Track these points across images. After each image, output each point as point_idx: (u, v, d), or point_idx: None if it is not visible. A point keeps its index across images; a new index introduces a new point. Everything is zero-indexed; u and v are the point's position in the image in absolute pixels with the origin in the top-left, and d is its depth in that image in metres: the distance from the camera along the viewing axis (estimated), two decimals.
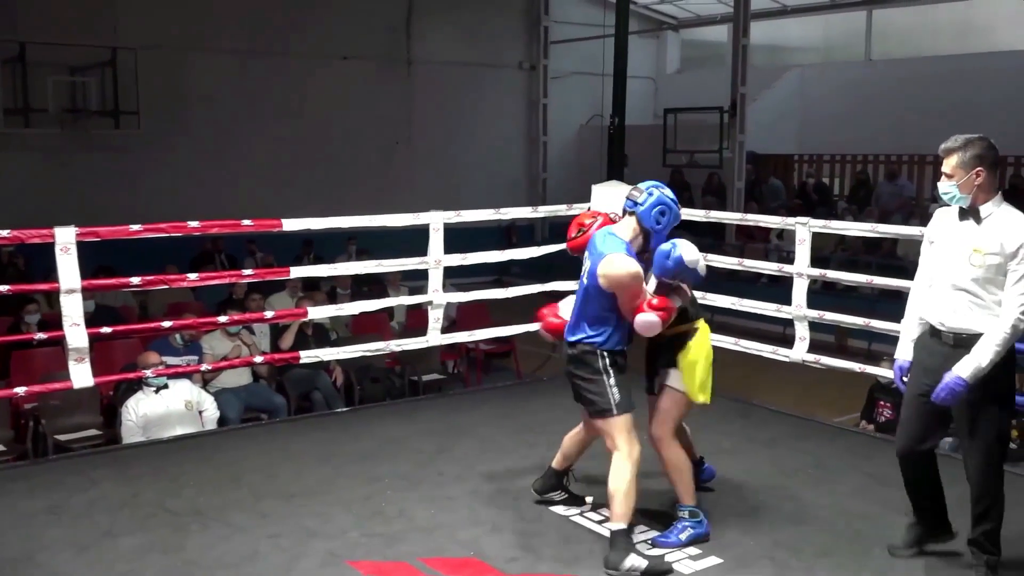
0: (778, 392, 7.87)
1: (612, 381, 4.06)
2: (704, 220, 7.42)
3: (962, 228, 3.71)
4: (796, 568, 3.90)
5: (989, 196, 3.65)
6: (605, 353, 4.06)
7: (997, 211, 3.64)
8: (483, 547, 4.07)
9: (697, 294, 6.75)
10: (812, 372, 6.38)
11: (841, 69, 17.65)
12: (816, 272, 6.22)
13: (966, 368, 3.56)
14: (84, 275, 5.16)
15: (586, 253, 4.18)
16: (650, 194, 4.02)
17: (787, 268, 6.25)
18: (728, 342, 6.66)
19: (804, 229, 6.03)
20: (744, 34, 15.56)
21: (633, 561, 3.81)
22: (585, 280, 4.08)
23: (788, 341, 6.50)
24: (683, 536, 4.09)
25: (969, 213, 3.69)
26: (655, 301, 4.00)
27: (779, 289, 6.69)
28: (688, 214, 7.74)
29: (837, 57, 18.38)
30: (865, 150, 15.86)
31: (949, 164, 3.71)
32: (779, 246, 13.66)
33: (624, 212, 4.09)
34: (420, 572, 3.85)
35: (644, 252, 4.08)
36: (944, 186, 3.73)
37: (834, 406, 7.72)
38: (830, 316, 6.11)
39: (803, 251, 6.04)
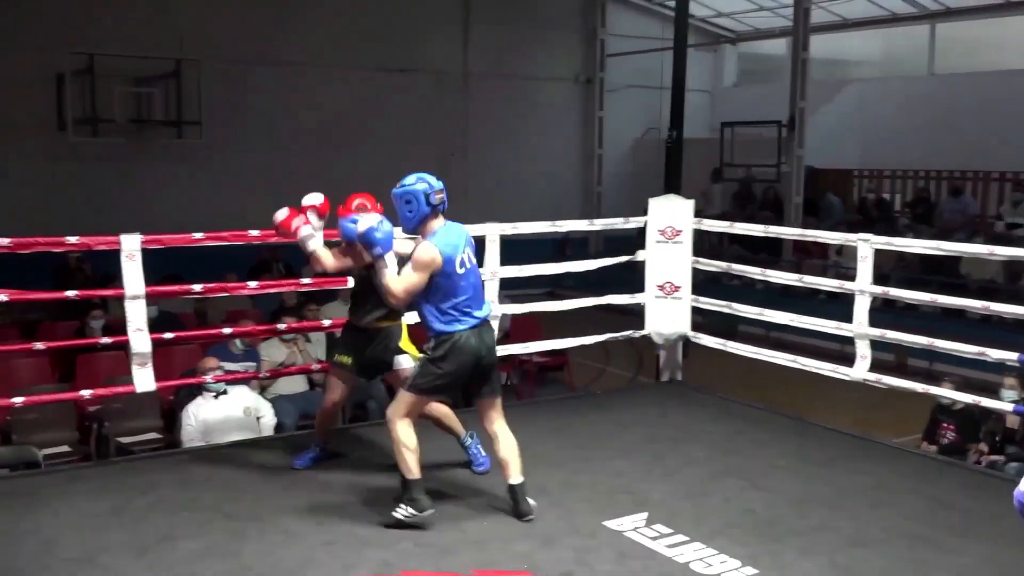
0: (835, 411, 7.75)
1: None
2: (763, 235, 7.33)
3: None
4: None
5: None
6: None
7: None
8: (537, 561, 4.06)
9: (754, 310, 6.75)
10: (870, 391, 6.27)
11: (902, 83, 17.36)
12: (879, 290, 6.11)
13: None
14: (150, 282, 5.28)
15: (459, 239, 4.53)
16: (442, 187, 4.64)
17: (848, 285, 6.16)
18: (784, 359, 6.59)
19: (866, 246, 5.93)
20: (803, 48, 15.39)
21: (532, 502, 4.52)
22: (472, 260, 4.53)
23: (845, 358, 6.41)
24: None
25: None
26: None
27: (837, 306, 6.58)
28: (746, 229, 7.72)
29: (898, 71, 18.09)
30: (927, 166, 15.57)
31: None
32: (838, 262, 13.46)
33: (436, 212, 4.60)
34: None
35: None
36: None
37: (894, 427, 7.56)
38: (893, 335, 6.00)
39: (865, 268, 5.95)
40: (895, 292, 6.47)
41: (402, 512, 4.36)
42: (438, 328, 4.46)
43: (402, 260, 4.54)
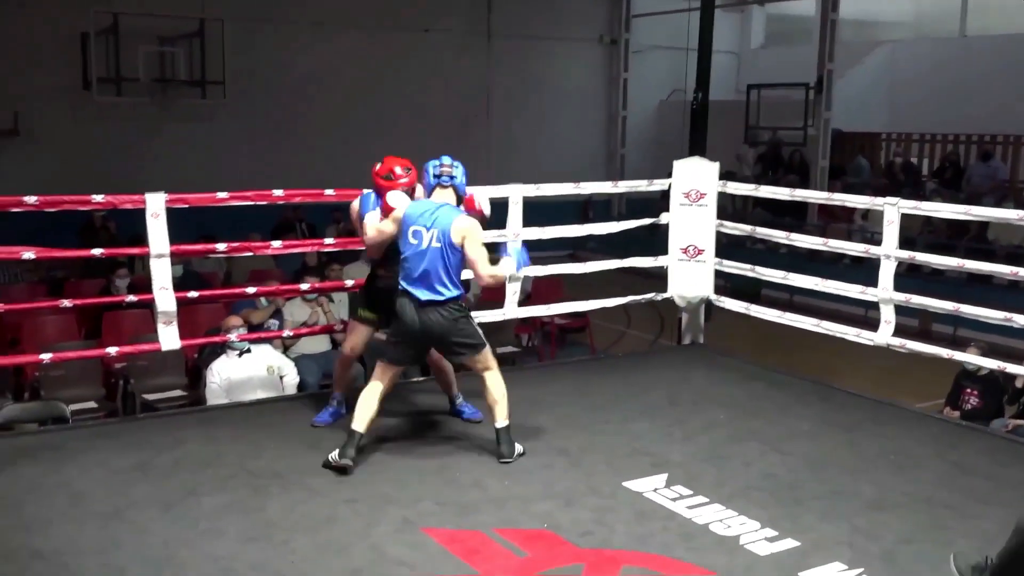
0: (858, 376, 7.72)
1: (475, 321, 4.92)
2: (789, 199, 7.27)
3: None
4: (875, 555, 3.82)
5: None
6: (463, 299, 4.80)
7: None
8: (557, 520, 4.09)
9: (779, 274, 6.72)
10: (894, 356, 6.24)
11: (934, 45, 17.07)
12: (905, 254, 6.05)
13: None
14: (181, 242, 5.33)
15: (419, 213, 4.72)
16: (458, 166, 4.90)
17: (874, 250, 6.10)
18: (808, 323, 6.56)
19: (893, 210, 5.87)
20: (833, 8, 15.14)
21: (517, 448, 4.76)
22: (435, 242, 4.63)
23: (869, 323, 6.38)
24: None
25: None
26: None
27: (862, 271, 6.54)
28: (772, 192, 7.65)
29: (929, 33, 17.78)
30: (957, 130, 15.35)
31: None
32: (863, 227, 13.34)
33: (440, 185, 4.86)
34: (493, 542, 3.89)
35: None
36: None
37: (917, 392, 7.53)
38: (918, 300, 5.95)
39: (891, 232, 5.89)
40: (921, 257, 6.40)
41: (331, 455, 4.61)
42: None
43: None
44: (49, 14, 13.15)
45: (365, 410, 4.66)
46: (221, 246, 5.71)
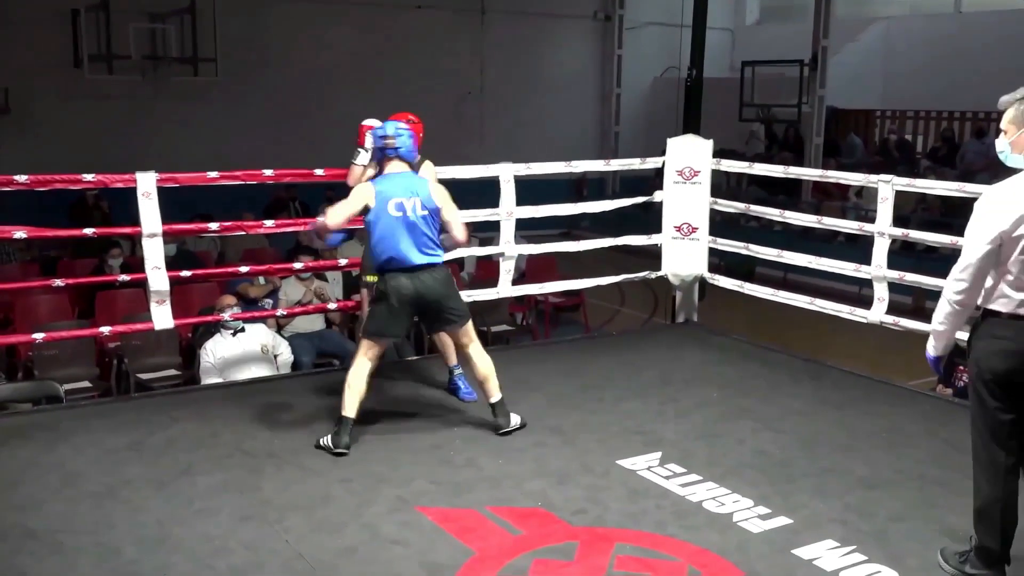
0: (851, 354, 7.73)
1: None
2: (782, 176, 7.25)
3: None
4: (867, 532, 3.84)
5: None
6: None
7: None
8: (550, 498, 4.10)
9: (772, 252, 6.72)
10: (887, 334, 6.24)
11: (929, 21, 17.01)
12: (899, 232, 6.06)
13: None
14: (174, 220, 5.30)
15: (393, 187, 4.67)
16: (402, 134, 4.74)
17: (868, 227, 6.11)
18: (802, 301, 6.57)
19: (887, 187, 5.86)
20: None
21: (515, 419, 4.84)
22: (420, 210, 4.64)
23: (863, 301, 6.38)
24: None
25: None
26: None
27: (856, 248, 6.54)
28: (766, 169, 7.64)
29: (925, 9, 17.71)
30: (952, 107, 15.32)
31: (1004, 119, 3.36)
32: (858, 204, 13.34)
33: (387, 157, 4.76)
34: (488, 520, 3.90)
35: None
36: (998, 143, 3.38)
37: (910, 370, 7.53)
38: (911, 277, 5.96)
39: (885, 210, 5.89)
40: (915, 234, 6.40)
41: (324, 440, 4.61)
42: (376, 267, 4.75)
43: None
44: None
45: (354, 394, 4.63)
46: (214, 225, 5.70)
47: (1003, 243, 3.26)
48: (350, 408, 4.62)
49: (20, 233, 5.11)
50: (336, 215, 4.64)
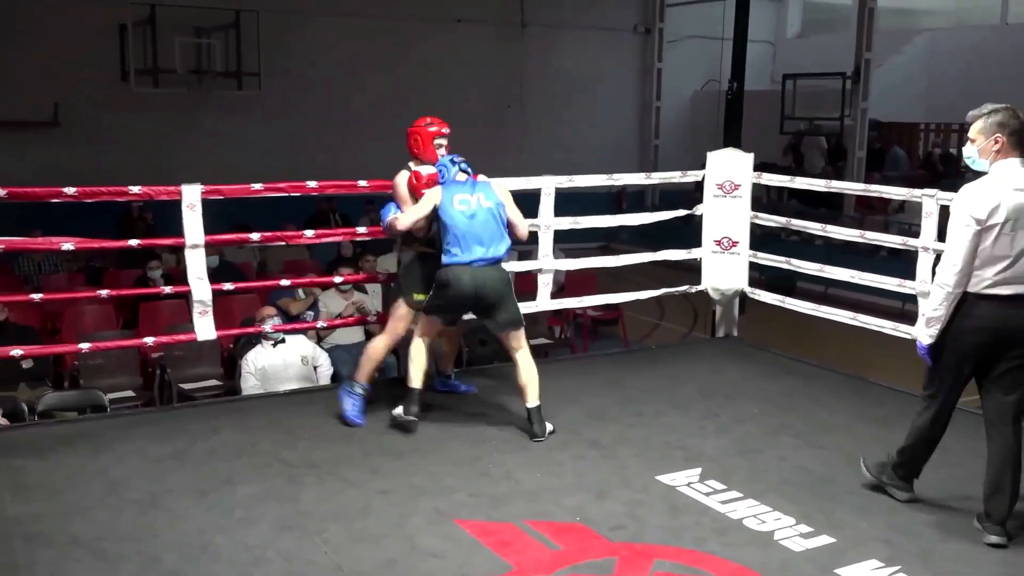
0: (894, 370, 7.61)
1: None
2: (824, 190, 7.18)
3: None
4: (912, 552, 3.78)
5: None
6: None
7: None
8: (588, 513, 4.08)
9: (814, 266, 6.65)
10: None
11: (974, 33, 16.80)
12: (943, 246, 5.95)
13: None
14: (216, 232, 5.37)
15: (457, 187, 4.94)
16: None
17: (912, 242, 6.02)
18: (845, 316, 6.48)
19: (931, 201, 5.78)
20: None
21: (548, 426, 4.93)
22: (484, 202, 4.91)
23: (907, 316, 6.29)
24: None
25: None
26: None
27: (899, 263, 6.44)
28: (807, 183, 7.57)
29: (970, 20, 17.50)
30: None
31: (972, 130, 4.00)
32: (900, 219, 13.17)
33: (459, 170, 5.04)
34: (526, 534, 3.89)
35: None
36: (966, 150, 4.03)
37: None
38: None
39: (929, 224, 5.79)
40: None
41: (396, 411, 4.98)
42: (443, 261, 4.93)
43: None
44: (88, 6, 13.31)
45: (419, 366, 4.98)
46: (255, 235, 5.75)
47: (980, 233, 3.81)
48: (415, 379, 4.96)
49: (68, 245, 5.19)
50: (408, 217, 4.98)
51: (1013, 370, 3.88)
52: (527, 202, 6.33)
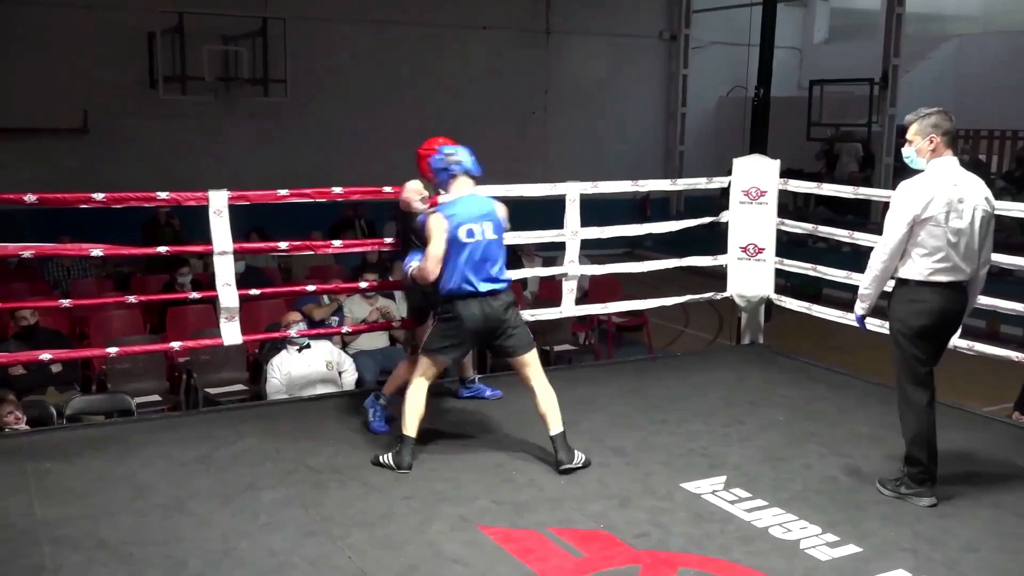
0: None
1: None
2: (852, 196, 7.12)
3: None
4: (939, 562, 3.74)
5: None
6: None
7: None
8: (612, 521, 4.07)
9: (842, 274, 6.60)
10: (961, 359, 6.07)
11: (1003, 39, 16.62)
12: None
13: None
14: (236, 237, 5.39)
15: (454, 211, 4.63)
16: (460, 149, 4.77)
17: None
18: (874, 324, 6.42)
19: None
20: (899, 2, 14.84)
21: (579, 457, 4.60)
22: (490, 234, 4.65)
23: None
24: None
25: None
26: None
27: None
28: (834, 190, 7.52)
29: (999, 26, 17.33)
30: None
31: (910, 132, 4.31)
32: None
33: (452, 176, 4.73)
34: (550, 541, 3.88)
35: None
36: (905, 151, 4.35)
37: (984, 396, 7.33)
38: (985, 300, 5.78)
39: None
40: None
41: (384, 457, 4.63)
42: (444, 292, 4.64)
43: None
44: (116, 14, 13.47)
45: (415, 413, 4.64)
46: (283, 244, 5.78)
47: (915, 224, 4.16)
48: (411, 427, 4.63)
49: (97, 251, 5.24)
50: (432, 261, 4.60)
51: (943, 349, 4.41)
52: (550, 209, 6.34)
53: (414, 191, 5.19)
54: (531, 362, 4.71)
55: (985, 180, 14.03)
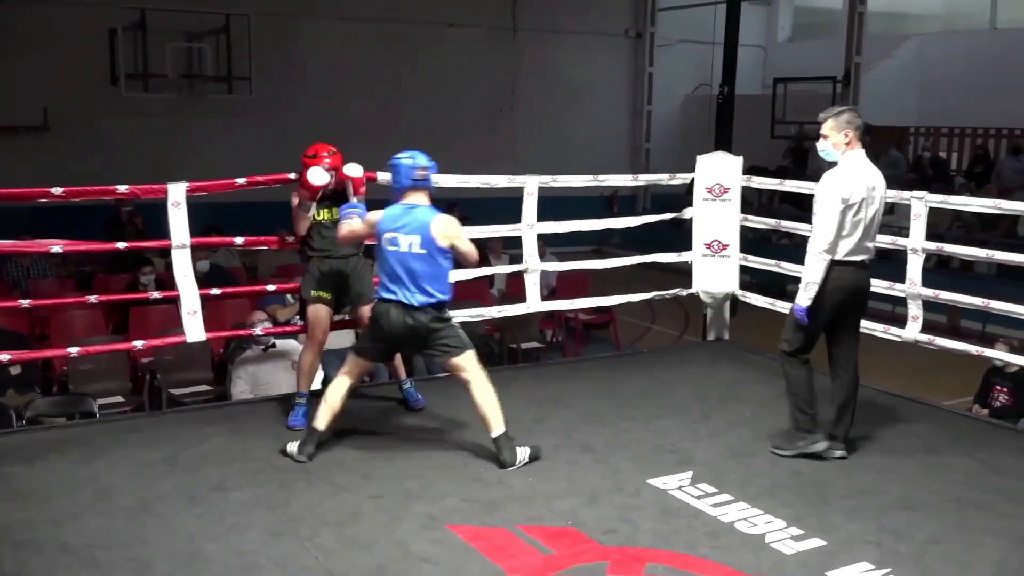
0: (885, 373, 7.63)
1: (457, 324, 4.83)
2: (810, 192, 7.18)
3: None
4: (903, 555, 3.79)
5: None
6: (447, 304, 4.72)
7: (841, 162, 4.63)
8: (581, 517, 4.08)
9: (797, 267, 6.64)
10: (921, 353, 6.18)
11: (963, 38, 16.86)
12: (933, 246, 5.99)
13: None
14: (198, 235, 5.35)
15: (408, 220, 4.65)
16: (433, 166, 4.80)
17: (901, 241, 6.04)
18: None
19: (920, 203, 5.81)
20: (861, 1, 15.01)
21: (523, 454, 4.62)
22: (417, 248, 4.59)
23: (897, 320, 6.30)
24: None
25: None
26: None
27: (889, 266, 6.45)
28: (797, 186, 7.58)
29: (960, 25, 17.57)
30: (987, 124, 15.16)
31: (825, 128, 4.69)
32: (890, 222, 13.19)
33: (415, 187, 4.73)
34: (519, 539, 3.88)
35: None
36: (820, 145, 4.73)
37: (945, 389, 7.45)
38: (946, 295, 5.89)
39: (918, 226, 5.83)
40: (949, 248, 6.33)
41: (289, 447, 4.70)
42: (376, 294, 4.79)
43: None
44: (78, 9, 13.27)
45: (327, 409, 4.70)
46: (239, 240, 5.75)
47: (843, 211, 4.55)
48: (321, 421, 4.69)
49: (56, 248, 5.18)
50: (345, 226, 4.90)
51: (855, 321, 4.81)
52: (519, 207, 6.34)
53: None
54: (464, 366, 4.70)
55: (946, 177, 14.28)
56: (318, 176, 5.16)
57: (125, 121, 13.70)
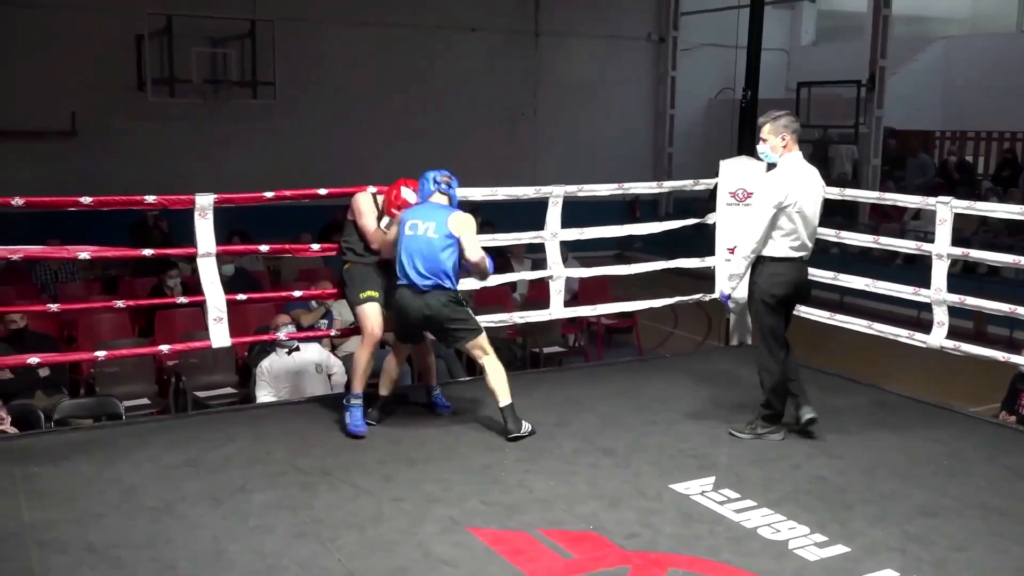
0: (910, 379, 7.58)
1: (469, 309, 5.22)
2: (839, 198, 7.15)
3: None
4: (927, 562, 3.75)
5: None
6: (454, 291, 5.08)
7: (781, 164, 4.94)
8: (602, 521, 4.07)
9: (828, 275, 6.63)
10: (948, 359, 6.12)
11: (990, 40, 16.72)
12: (958, 251, 5.94)
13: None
14: (222, 239, 5.38)
15: (428, 213, 5.06)
16: (455, 181, 5.21)
17: (926, 247, 5.99)
18: (860, 325, 6.46)
19: (946, 209, 5.76)
20: (886, 4, 14.90)
21: (525, 426, 5.01)
22: (431, 233, 4.97)
23: (922, 325, 6.27)
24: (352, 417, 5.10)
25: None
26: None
27: (915, 271, 6.41)
28: None
29: (986, 28, 17.42)
30: (1014, 127, 15.02)
31: (764, 131, 4.98)
32: (916, 227, 13.10)
33: (438, 191, 5.16)
34: (539, 543, 3.88)
35: None
36: (760, 148, 5.02)
37: (971, 396, 7.38)
38: (972, 301, 5.83)
39: (944, 232, 5.79)
40: (975, 254, 6.28)
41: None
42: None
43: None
44: (104, 16, 13.43)
45: (388, 377, 5.32)
46: (264, 247, 5.78)
47: (778, 211, 4.85)
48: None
49: (84, 254, 5.23)
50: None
51: (792, 310, 5.22)
52: (541, 212, 6.35)
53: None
54: (477, 346, 5.10)
55: (972, 182, 14.16)
56: (410, 195, 5.33)
57: (151, 126, 13.83)
